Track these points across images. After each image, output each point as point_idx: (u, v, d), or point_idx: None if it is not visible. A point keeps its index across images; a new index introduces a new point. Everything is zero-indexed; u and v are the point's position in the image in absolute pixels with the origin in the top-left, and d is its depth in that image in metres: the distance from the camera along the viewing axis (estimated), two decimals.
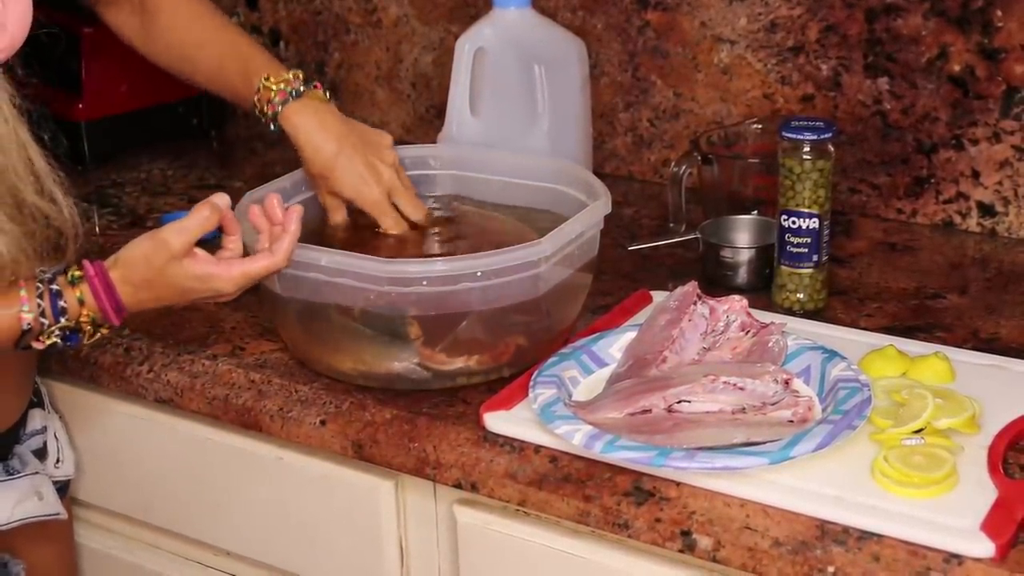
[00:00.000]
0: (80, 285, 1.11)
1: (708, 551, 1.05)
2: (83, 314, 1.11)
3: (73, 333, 1.13)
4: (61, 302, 1.11)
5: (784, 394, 1.15)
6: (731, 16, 1.68)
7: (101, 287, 1.12)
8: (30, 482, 1.31)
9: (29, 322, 1.10)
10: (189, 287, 1.14)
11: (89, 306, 1.11)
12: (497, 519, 1.20)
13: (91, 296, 1.11)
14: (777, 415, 1.14)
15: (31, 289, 1.10)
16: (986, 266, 1.52)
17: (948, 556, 0.99)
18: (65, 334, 1.12)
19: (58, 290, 1.11)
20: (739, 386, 1.16)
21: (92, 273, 1.12)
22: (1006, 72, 1.52)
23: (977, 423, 1.13)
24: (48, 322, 1.10)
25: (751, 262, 1.45)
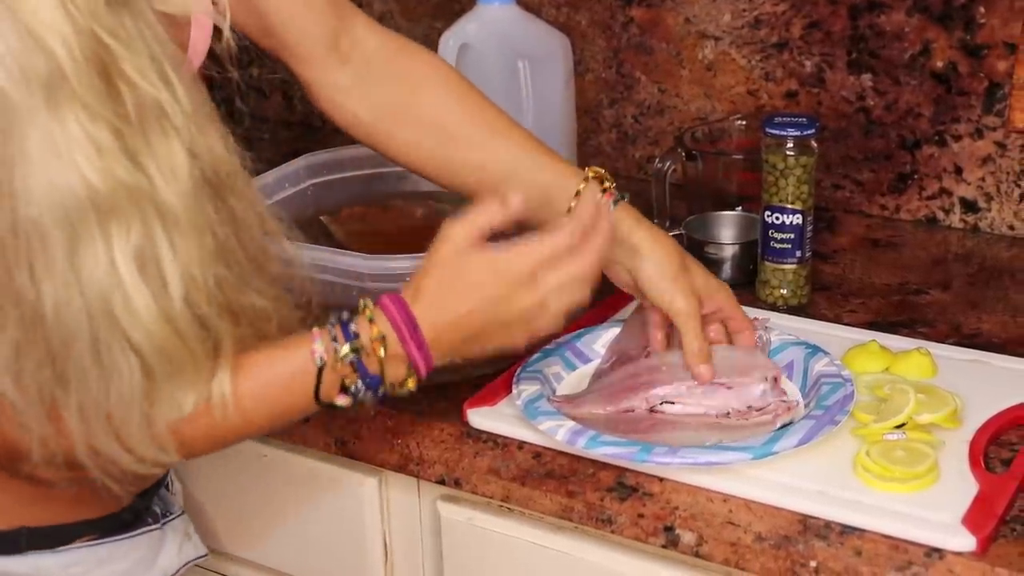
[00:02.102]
0: (370, 308, 0.99)
1: (691, 546, 1.05)
2: (373, 332, 0.97)
3: (373, 377, 0.98)
4: (352, 326, 0.97)
5: (771, 397, 1.15)
6: (715, 12, 1.68)
7: (390, 301, 0.98)
8: (182, 522, 1.19)
9: (321, 355, 0.96)
10: (477, 279, 0.98)
11: (380, 324, 0.98)
12: (480, 515, 1.20)
13: (381, 313, 0.98)
14: (760, 419, 1.14)
15: (323, 328, 0.98)
16: (968, 262, 1.52)
17: (929, 550, 0.99)
18: (364, 371, 0.97)
19: (349, 317, 0.98)
20: (727, 385, 1.16)
21: (382, 296, 0.99)
22: (988, 68, 1.53)
23: (959, 418, 1.14)
24: (340, 347, 0.96)
25: (735, 258, 1.45)
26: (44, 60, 0.81)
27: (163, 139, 0.87)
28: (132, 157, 0.85)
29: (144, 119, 0.86)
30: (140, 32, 0.87)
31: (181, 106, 0.89)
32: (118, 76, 0.85)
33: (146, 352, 0.87)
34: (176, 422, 0.92)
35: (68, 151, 0.83)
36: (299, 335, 0.99)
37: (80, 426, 0.89)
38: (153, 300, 0.87)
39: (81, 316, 0.85)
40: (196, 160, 0.89)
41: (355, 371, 0.98)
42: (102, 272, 0.85)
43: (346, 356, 0.97)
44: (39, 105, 0.82)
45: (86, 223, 0.84)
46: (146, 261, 0.86)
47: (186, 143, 0.88)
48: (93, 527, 1.07)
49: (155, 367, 0.88)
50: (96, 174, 0.83)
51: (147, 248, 0.86)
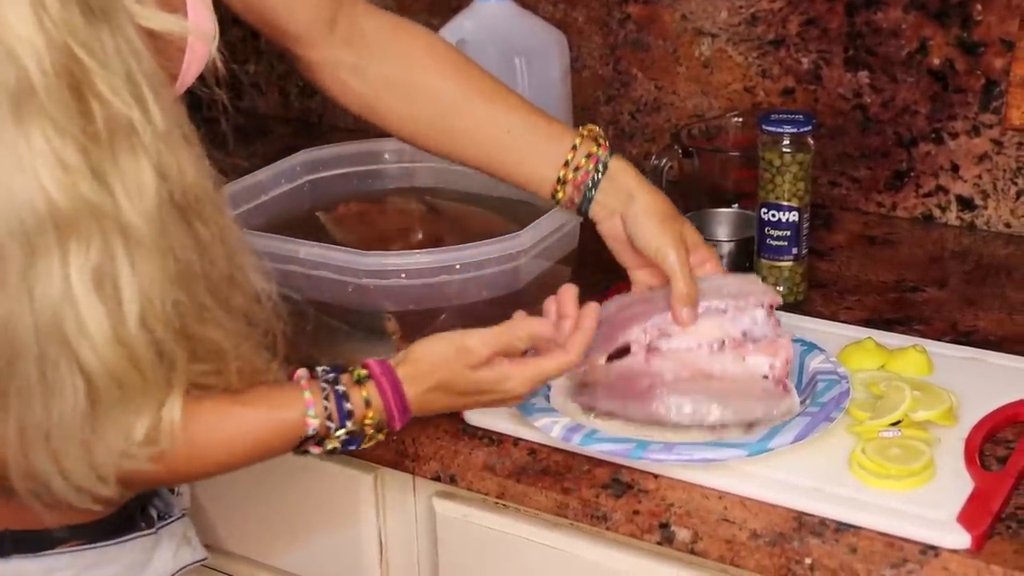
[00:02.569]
0: (366, 385, 1.01)
1: (686, 543, 1.05)
2: (368, 416, 1.01)
3: (355, 438, 1.02)
4: (347, 404, 1.00)
5: (766, 325, 1.15)
6: (712, 9, 1.68)
7: (389, 386, 1.01)
8: (180, 526, 1.17)
9: (315, 427, 0.99)
10: (482, 390, 1.04)
11: (376, 408, 1.01)
12: (476, 511, 1.19)
13: (378, 396, 1.01)
14: (755, 363, 1.13)
15: (315, 391, 1.00)
16: (965, 259, 1.52)
17: (924, 547, 0.99)
18: (349, 441, 1.02)
19: (344, 391, 1.00)
20: (722, 309, 1.15)
21: (379, 372, 1.02)
22: (985, 66, 1.53)
23: (954, 415, 1.14)
24: (334, 426, 1.00)
25: (731, 255, 1.45)
26: (14, 73, 0.80)
27: (131, 158, 0.85)
28: (98, 175, 0.84)
29: (113, 137, 0.84)
30: (118, 48, 0.85)
31: (153, 126, 0.87)
32: (90, 92, 0.83)
33: (95, 374, 0.86)
34: (124, 453, 0.90)
35: (32, 166, 0.81)
36: (288, 394, 1.00)
37: (16, 440, 0.87)
38: (107, 320, 0.85)
39: (29, 332, 0.83)
40: (164, 182, 0.87)
41: (341, 442, 1.02)
42: (56, 289, 0.83)
43: (339, 436, 1.01)
44: (5, 117, 0.80)
45: (44, 239, 0.82)
46: (103, 280, 0.84)
47: (154, 163, 0.86)
48: (79, 532, 1.05)
49: (102, 390, 0.86)
50: (59, 190, 0.82)
51: (105, 267, 0.84)
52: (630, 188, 1.20)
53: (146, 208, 0.86)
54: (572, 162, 1.20)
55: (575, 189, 1.20)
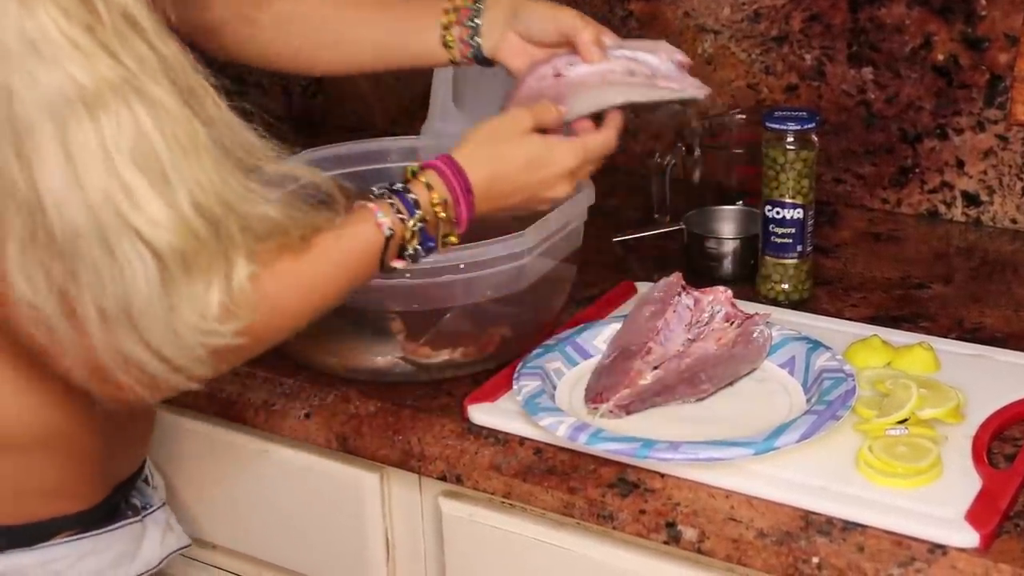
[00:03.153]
0: (423, 173, 1.06)
1: (693, 542, 1.05)
2: (434, 198, 1.04)
3: (430, 235, 1.05)
4: (411, 195, 1.03)
5: (677, 73, 1.20)
6: (715, 6, 1.68)
7: (444, 165, 1.06)
8: (163, 514, 1.20)
9: (389, 225, 1.02)
10: (532, 158, 1.09)
11: (438, 188, 1.05)
12: (482, 511, 1.19)
13: (437, 177, 1.05)
14: (666, 84, 1.19)
15: (376, 200, 1.03)
16: (971, 255, 1.52)
17: (932, 546, 0.99)
18: (425, 235, 1.04)
19: (403, 187, 1.04)
20: (630, 56, 1.20)
21: (436, 160, 1.07)
22: (990, 61, 1.52)
23: (961, 413, 1.13)
24: (407, 217, 1.02)
25: (736, 253, 1.45)
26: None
27: (136, 40, 0.88)
28: (111, 54, 0.86)
29: (115, 21, 0.87)
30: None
31: (147, 12, 0.90)
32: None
33: (157, 246, 0.87)
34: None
35: (51, 51, 0.84)
36: (355, 213, 1.03)
37: (100, 325, 0.88)
38: (155, 193, 0.87)
39: (82, 210, 0.85)
40: (165, 64, 0.90)
41: (418, 236, 1.04)
42: (98, 165, 0.85)
43: (415, 225, 1.04)
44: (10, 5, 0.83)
45: (76, 116, 0.84)
46: (143, 154, 0.87)
47: (154, 46, 0.89)
48: (71, 523, 1.07)
49: (169, 262, 0.88)
50: (80, 70, 0.84)
51: (141, 142, 0.87)
52: (510, 2, 1.24)
53: (161, 80, 0.89)
54: (451, 5, 1.24)
55: (460, 27, 1.24)
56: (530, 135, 1.10)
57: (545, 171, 1.10)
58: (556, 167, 1.11)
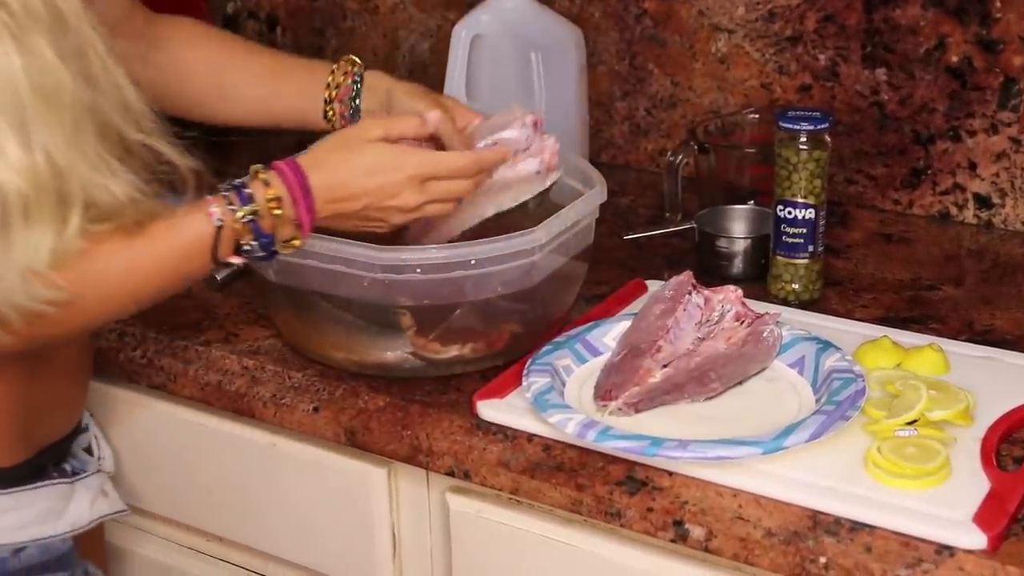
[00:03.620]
0: (265, 172, 1.08)
1: (700, 541, 1.05)
2: (268, 194, 1.06)
3: (266, 236, 1.07)
4: (246, 190, 1.06)
5: (534, 137, 1.24)
6: (729, 5, 1.68)
7: (286, 166, 1.08)
8: (97, 480, 1.26)
9: (219, 217, 1.05)
10: (377, 164, 1.10)
11: (274, 186, 1.07)
12: (489, 507, 1.19)
13: (276, 176, 1.08)
14: (525, 168, 1.22)
15: (217, 194, 1.06)
16: (982, 258, 1.52)
17: (940, 547, 0.99)
18: (259, 231, 1.07)
19: (243, 182, 1.07)
20: (491, 143, 1.23)
21: (277, 161, 1.09)
22: (1004, 63, 1.52)
23: (971, 415, 1.13)
24: (237, 210, 1.05)
25: (747, 252, 1.45)
26: None
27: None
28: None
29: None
30: None
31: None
32: None
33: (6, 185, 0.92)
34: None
35: None
36: (193, 204, 1.06)
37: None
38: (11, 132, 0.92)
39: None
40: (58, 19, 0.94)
41: (251, 231, 1.06)
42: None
43: (243, 217, 1.06)
44: None
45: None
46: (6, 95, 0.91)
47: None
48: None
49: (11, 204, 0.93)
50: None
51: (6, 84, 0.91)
52: (387, 86, 1.30)
53: (45, 32, 0.93)
54: (333, 82, 1.31)
55: (341, 104, 1.30)
56: (376, 143, 1.12)
57: (388, 177, 1.11)
58: (400, 173, 1.11)
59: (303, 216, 1.09)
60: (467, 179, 1.16)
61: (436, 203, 1.15)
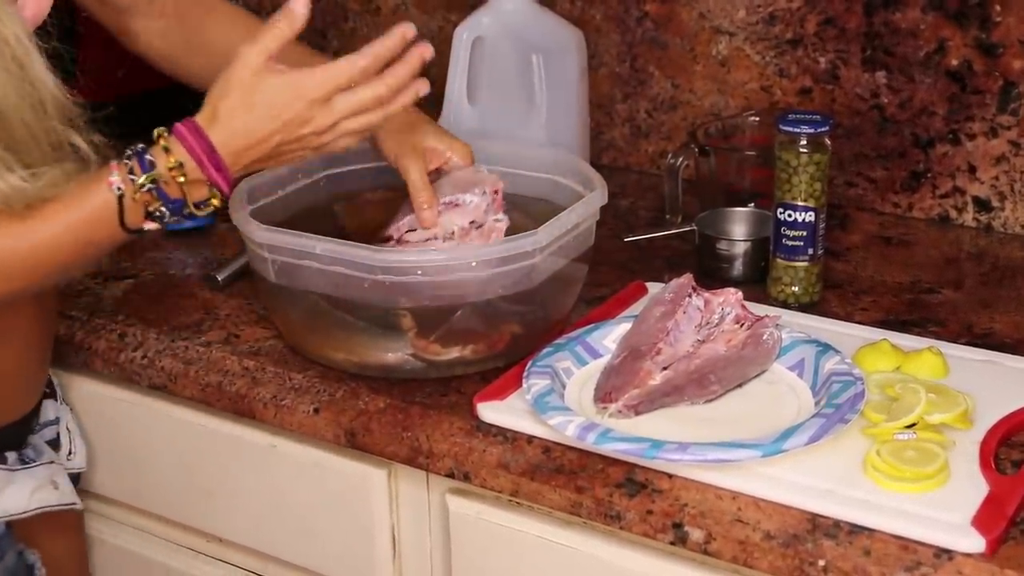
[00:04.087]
0: (165, 136, 1.06)
1: (699, 543, 1.05)
2: (170, 162, 1.05)
3: (175, 201, 1.06)
4: (147, 156, 1.05)
5: (490, 211, 1.29)
6: (730, 8, 1.68)
7: (185, 128, 1.06)
8: (46, 471, 1.29)
9: (119, 185, 1.04)
10: (274, 99, 1.06)
11: (176, 152, 1.05)
12: (489, 509, 1.20)
13: (176, 141, 1.06)
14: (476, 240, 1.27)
15: (120, 161, 1.06)
16: (981, 261, 1.52)
17: (939, 551, 0.99)
18: (166, 198, 1.05)
19: (144, 148, 1.06)
20: (455, 203, 1.29)
21: (177, 123, 1.06)
22: (1004, 67, 1.52)
23: (970, 418, 1.14)
24: (137, 177, 1.04)
25: (747, 254, 1.45)
26: None
27: None
28: None
29: None
30: None
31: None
32: None
33: None
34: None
35: None
36: (95, 172, 1.06)
37: None
38: None
39: None
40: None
41: (156, 198, 1.06)
42: None
43: (143, 185, 1.05)
44: None
45: None
46: None
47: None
48: None
49: None
50: None
51: None
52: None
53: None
54: None
55: None
56: (265, 75, 1.06)
57: (290, 109, 1.07)
58: (301, 101, 1.06)
59: (214, 177, 1.07)
60: (376, 81, 1.09)
61: (353, 116, 1.09)
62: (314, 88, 1.07)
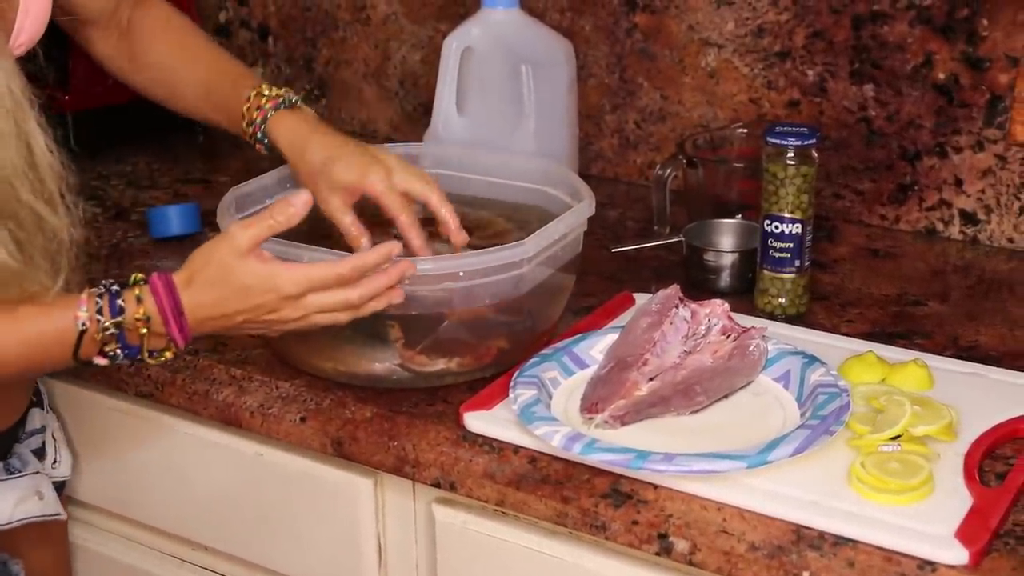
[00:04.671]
0: (141, 286, 1.08)
1: (684, 554, 1.05)
2: (138, 313, 1.06)
3: (132, 345, 1.07)
4: (119, 301, 1.06)
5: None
6: (719, 20, 1.69)
7: (161, 285, 1.07)
8: (30, 481, 1.29)
9: (84, 321, 1.05)
10: (249, 284, 1.08)
11: (147, 306, 1.06)
12: (475, 519, 1.20)
13: (149, 295, 1.07)
14: None
15: (91, 294, 1.07)
16: (967, 274, 1.52)
17: (922, 563, 0.99)
18: (124, 343, 1.07)
19: (118, 291, 1.07)
20: None
21: (155, 275, 1.08)
22: (990, 81, 1.53)
23: (954, 431, 1.14)
24: (104, 319, 1.05)
25: (734, 266, 1.45)
26: None
27: None
28: None
29: None
30: None
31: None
32: None
33: None
34: None
35: None
36: (69, 297, 1.07)
37: None
38: None
39: None
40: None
41: (116, 341, 1.07)
42: None
43: (107, 329, 1.06)
44: None
45: None
46: None
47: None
48: None
49: None
50: None
51: None
52: (325, 149, 1.30)
53: None
54: (246, 116, 1.33)
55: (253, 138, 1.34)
56: (247, 260, 1.08)
57: (262, 297, 1.09)
58: (273, 294, 1.09)
59: (175, 335, 1.08)
60: (350, 288, 1.12)
61: (322, 313, 1.12)
62: (289, 285, 1.09)
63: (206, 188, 1.84)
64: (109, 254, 1.61)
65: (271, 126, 1.32)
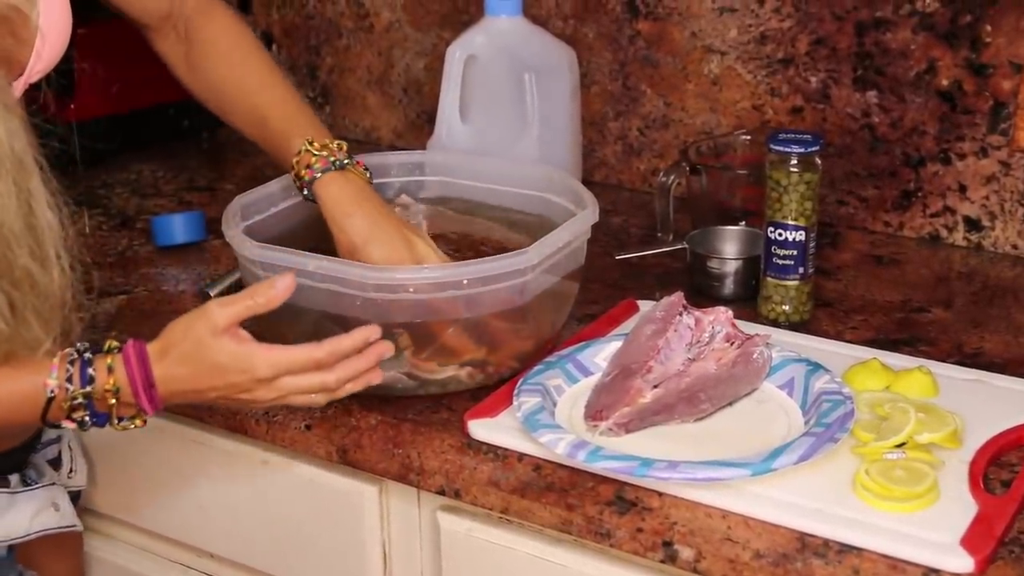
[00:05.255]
0: (114, 355, 1.06)
1: (689, 562, 1.05)
2: (108, 384, 1.05)
3: (100, 412, 1.07)
4: (90, 370, 1.05)
5: None
6: (721, 27, 1.69)
7: (134, 355, 1.06)
8: (47, 493, 1.29)
9: (53, 388, 1.05)
10: (223, 363, 1.06)
11: (118, 376, 1.06)
12: (480, 526, 1.20)
13: (121, 365, 1.06)
14: None
15: (63, 359, 1.06)
16: (971, 280, 1.52)
17: (928, 571, 0.99)
18: (93, 411, 1.06)
19: (90, 359, 1.06)
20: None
21: (128, 344, 1.07)
22: (994, 87, 1.53)
23: (959, 438, 1.14)
24: (73, 388, 1.05)
25: (737, 273, 1.45)
26: None
27: None
28: None
29: None
30: None
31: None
32: None
33: None
34: None
35: None
36: (41, 360, 1.06)
37: None
38: None
39: None
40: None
41: (84, 409, 1.06)
42: None
43: (75, 398, 1.05)
44: None
45: None
46: None
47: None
48: None
49: None
50: None
51: None
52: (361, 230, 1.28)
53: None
54: (297, 168, 1.32)
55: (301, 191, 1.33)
56: (222, 339, 1.06)
57: (235, 377, 1.07)
58: (246, 375, 1.07)
59: (145, 405, 1.07)
60: (325, 371, 1.10)
61: (296, 394, 1.10)
62: (263, 368, 1.07)
63: (211, 196, 1.84)
64: (114, 262, 1.61)
65: (317, 188, 1.30)
